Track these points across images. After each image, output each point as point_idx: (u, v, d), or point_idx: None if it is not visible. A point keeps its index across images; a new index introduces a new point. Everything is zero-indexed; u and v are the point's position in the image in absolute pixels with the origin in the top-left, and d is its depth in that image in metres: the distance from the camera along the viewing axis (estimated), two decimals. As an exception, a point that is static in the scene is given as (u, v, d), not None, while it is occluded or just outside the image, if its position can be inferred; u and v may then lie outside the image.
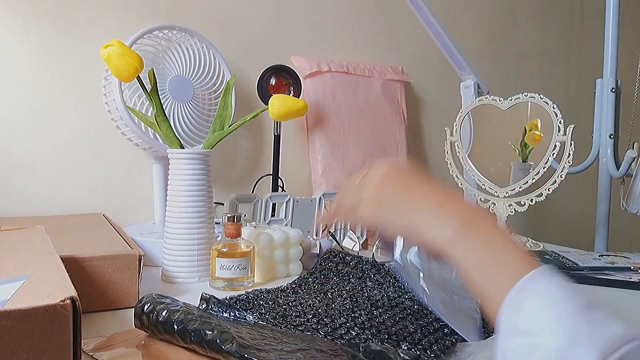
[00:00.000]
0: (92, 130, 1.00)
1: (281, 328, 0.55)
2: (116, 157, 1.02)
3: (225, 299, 0.61)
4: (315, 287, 0.72)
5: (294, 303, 0.63)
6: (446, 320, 0.50)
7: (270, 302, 0.63)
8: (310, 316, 0.58)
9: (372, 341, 0.52)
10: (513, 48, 1.60)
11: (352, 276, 0.75)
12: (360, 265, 0.77)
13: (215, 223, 0.82)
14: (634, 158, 1.03)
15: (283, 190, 1.12)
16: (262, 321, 0.56)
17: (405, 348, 0.51)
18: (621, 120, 1.14)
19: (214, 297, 0.56)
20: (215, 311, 0.56)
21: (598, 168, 1.15)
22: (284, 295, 0.67)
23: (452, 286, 0.50)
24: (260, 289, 0.69)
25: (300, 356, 0.46)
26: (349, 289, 0.71)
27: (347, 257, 0.79)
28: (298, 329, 0.55)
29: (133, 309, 0.53)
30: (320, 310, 0.60)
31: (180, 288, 0.73)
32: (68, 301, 0.36)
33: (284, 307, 0.62)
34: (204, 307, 0.56)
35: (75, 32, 0.98)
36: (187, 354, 0.49)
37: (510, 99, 1.01)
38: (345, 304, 0.63)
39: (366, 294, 0.68)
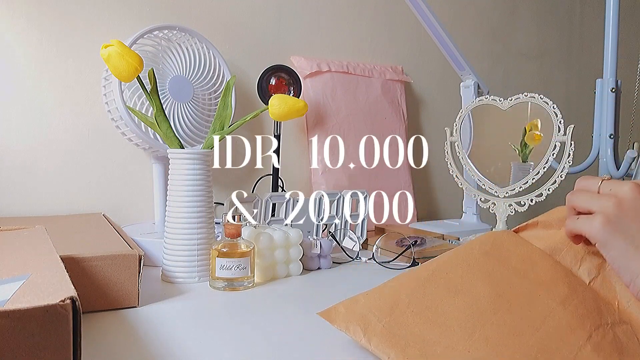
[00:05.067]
0: (92, 130, 1.00)
1: None
2: (116, 157, 1.02)
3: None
4: None
5: None
6: None
7: None
8: None
9: None
10: (513, 48, 1.60)
11: None
12: None
13: (215, 223, 0.82)
14: (634, 158, 1.03)
15: (283, 190, 1.12)
16: None
17: None
18: (621, 120, 1.13)
19: None
20: None
21: (598, 168, 1.15)
22: None
23: None
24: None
25: None
26: None
27: None
28: None
29: (134, 308, 0.53)
30: None
31: (180, 288, 0.73)
32: (68, 301, 0.36)
33: None
34: None
35: (75, 32, 0.98)
36: None
37: (510, 99, 1.01)
38: None
39: None
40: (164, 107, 0.86)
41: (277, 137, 1.08)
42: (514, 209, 0.99)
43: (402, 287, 0.51)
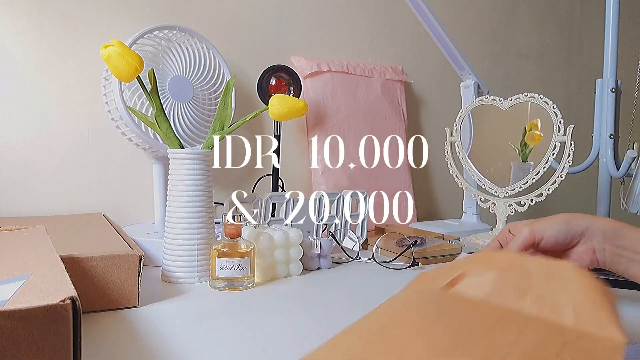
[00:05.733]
0: (92, 130, 1.00)
1: None
2: (116, 157, 1.03)
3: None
4: None
5: None
6: None
7: None
8: None
9: None
10: (513, 48, 1.60)
11: None
12: None
13: (216, 223, 0.82)
14: (634, 158, 1.03)
15: (283, 190, 1.12)
16: None
17: None
18: (621, 120, 1.13)
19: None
20: None
21: (598, 168, 1.15)
22: None
23: None
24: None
25: None
26: None
27: None
28: None
29: (134, 308, 0.53)
30: None
31: (180, 288, 0.73)
32: (68, 301, 0.36)
33: None
34: None
35: (75, 32, 0.98)
36: None
37: (510, 99, 1.01)
38: None
39: None
40: (164, 107, 0.86)
41: (277, 137, 1.08)
42: (514, 209, 0.99)
43: (354, 341, 0.48)
